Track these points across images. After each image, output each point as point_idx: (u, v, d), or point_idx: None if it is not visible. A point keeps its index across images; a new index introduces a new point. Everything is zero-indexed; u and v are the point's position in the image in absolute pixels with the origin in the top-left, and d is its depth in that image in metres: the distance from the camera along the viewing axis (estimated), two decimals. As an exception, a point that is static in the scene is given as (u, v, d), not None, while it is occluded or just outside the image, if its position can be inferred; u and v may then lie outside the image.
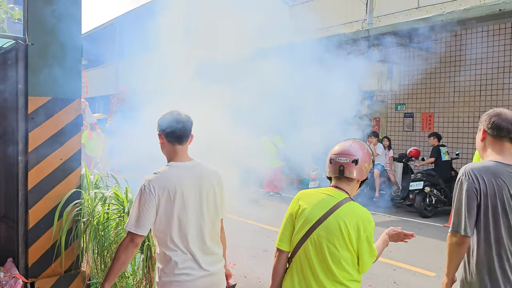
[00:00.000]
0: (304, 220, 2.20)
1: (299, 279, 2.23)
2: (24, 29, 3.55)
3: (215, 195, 2.48)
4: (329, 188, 2.30)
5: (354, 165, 2.23)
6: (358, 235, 2.14)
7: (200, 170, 2.46)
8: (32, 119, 3.51)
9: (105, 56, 25.88)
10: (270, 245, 6.55)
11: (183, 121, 2.44)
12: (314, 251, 2.17)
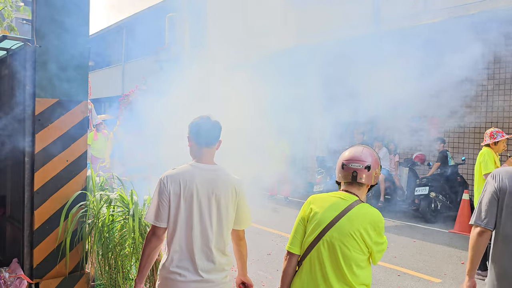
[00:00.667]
0: (317, 223, 2.26)
1: (308, 280, 2.26)
2: (32, 31, 3.58)
3: (229, 203, 2.46)
4: (340, 192, 2.37)
5: (367, 171, 2.32)
6: (369, 235, 2.22)
7: (219, 175, 2.46)
8: (39, 120, 3.54)
9: (111, 58, 26.03)
10: (274, 248, 6.54)
11: (212, 126, 2.49)
12: (327, 253, 2.22)
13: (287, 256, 2.37)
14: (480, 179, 5.38)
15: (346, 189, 2.35)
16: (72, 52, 3.68)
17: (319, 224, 2.25)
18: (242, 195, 2.53)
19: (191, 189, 2.38)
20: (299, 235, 2.34)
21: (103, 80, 23.93)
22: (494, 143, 5.38)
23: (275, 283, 5.13)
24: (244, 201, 2.56)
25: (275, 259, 6.01)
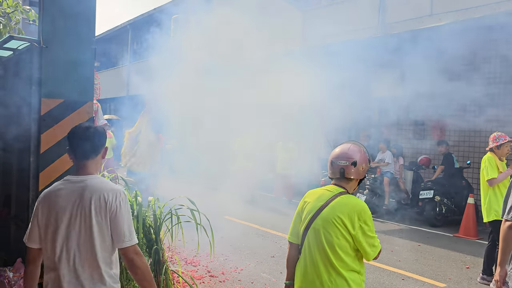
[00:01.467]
0: (306, 213, 2.49)
1: (305, 267, 2.46)
2: (39, 31, 3.59)
3: (94, 217, 2.13)
4: (330, 185, 2.57)
5: (353, 167, 2.49)
6: (353, 223, 2.36)
7: (87, 185, 2.17)
8: (44, 121, 3.54)
9: (117, 59, 26.14)
10: (278, 251, 6.53)
11: (89, 135, 2.25)
12: (314, 240, 2.42)
13: (288, 246, 2.62)
14: (484, 185, 5.35)
15: (335, 183, 2.54)
16: (77, 52, 3.68)
17: (308, 214, 2.47)
18: (115, 205, 2.16)
19: (54, 206, 2.17)
20: (296, 226, 2.57)
21: (109, 81, 24.01)
22: (497, 147, 5.33)
23: (278, 285, 5.11)
24: (120, 213, 2.16)
25: (279, 262, 5.99)
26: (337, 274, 2.35)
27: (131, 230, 2.18)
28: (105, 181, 2.23)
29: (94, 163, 2.28)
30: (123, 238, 2.14)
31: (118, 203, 2.15)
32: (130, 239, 2.16)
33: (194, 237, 6.90)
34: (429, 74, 10.06)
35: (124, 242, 2.15)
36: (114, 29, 24.52)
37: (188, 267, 5.57)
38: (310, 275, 2.42)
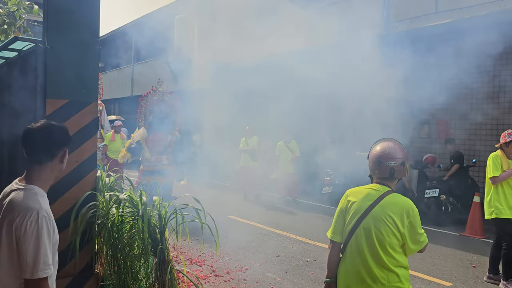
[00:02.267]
0: (354, 212, 2.51)
1: (350, 265, 2.50)
2: (43, 32, 3.60)
3: (5, 238, 1.83)
4: (373, 184, 2.60)
5: (402, 167, 2.54)
6: (402, 222, 2.42)
7: (12, 197, 1.89)
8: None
9: (121, 59, 26.18)
10: (283, 250, 6.52)
11: (41, 134, 1.95)
12: (364, 238, 2.45)
13: (330, 244, 2.65)
14: (488, 182, 5.31)
15: (380, 182, 2.57)
16: (82, 53, 3.70)
17: (356, 213, 2.50)
18: (21, 228, 1.79)
19: None
20: (339, 225, 2.60)
21: (113, 82, 24.08)
22: (505, 144, 5.26)
23: (283, 285, 5.10)
24: (24, 238, 1.79)
25: (284, 261, 5.99)
26: (388, 271, 2.42)
27: (37, 260, 1.78)
28: (28, 196, 1.87)
29: (44, 170, 1.96)
30: (25, 268, 1.78)
31: (25, 225, 1.78)
32: (32, 271, 1.77)
33: (199, 237, 6.91)
34: (436, 71, 10.01)
35: (25, 272, 1.78)
36: (118, 29, 24.58)
37: (193, 267, 5.58)
38: (358, 273, 2.46)
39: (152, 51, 22.20)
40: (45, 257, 1.81)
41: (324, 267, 5.72)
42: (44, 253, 1.81)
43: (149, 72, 21.09)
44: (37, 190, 1.92)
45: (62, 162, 2.02)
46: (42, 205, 1.87)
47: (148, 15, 20.99)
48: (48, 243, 1.84)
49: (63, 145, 2.01)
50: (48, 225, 1.85)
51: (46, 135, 1.95)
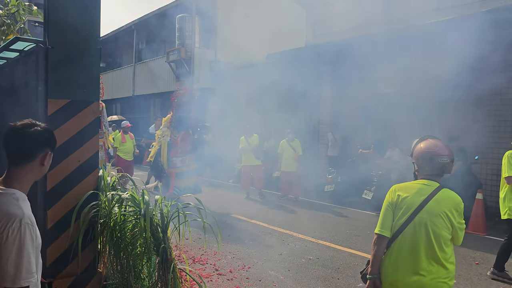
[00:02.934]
0: (406, 207, 2.55)
1: (401, 260, 2.54)
2: (44, 32, 3.61)
3: None
4: (422, 180, 2.66)
5: (451, 163, 2.65)
6: (454, 216, 2.53)
7: None
8: (52, 121, 3.56)
9: (122, 59, 26.21)
10: (285, 249, 6.52)
11: (21, 136, 1.86)
12: (419, 233, 2.50)
13: (377, 239, 2.63)
14: (503, 181, 5.31)
15: (429, 178, 2.64)
16: (83, 53, 3.70)
17: (409, 208, 2.54)
18: (1, 235, 1.72)
19: None
20: (388, 220, 2.61)
21: (115, 81, 24.11)
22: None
23: (286, 283, 5.11)
24: (5, 246, 1.72)
25: (286, 259, 5.99)
26: (439, 265, 2.49)
27: (19, 268, 1.70)
28: (8, 202, 1.79)
29: (24, 172, 1.87)
30: (5, 276, 1.70)
31: (6, 232, 1.70)
32: (13, 280, 1.69)
33: (201, 236, 6.92)
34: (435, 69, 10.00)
35: (6, 281, 1.70)
36: (119, 29, 24.59)
37: (196, 266, 5.58)
38: (408, 268, 2.51)
39: (154, 50, 22.21)
40: (27, 265, 1.74)
41: (326, 265, 5.73)
42: (27, 261, 1.74)
43: (150, 71, 21.10)
44: (18, 194, 1.83)
45: (43, 165, 1.92)
46: (25, 211, 1.79)
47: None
48: (31, 251, 1.76)
49: (44, 147, 1.91)
50: (32, 232, 1.77)
51: (27, 135, 1.86)
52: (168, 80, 19.47)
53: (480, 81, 9.51)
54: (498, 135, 9.11)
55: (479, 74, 9.31)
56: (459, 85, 9.88)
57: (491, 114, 9.30)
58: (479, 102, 9.50)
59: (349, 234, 7.42)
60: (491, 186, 9.11)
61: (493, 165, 9.19)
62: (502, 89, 9.14)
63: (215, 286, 4.96)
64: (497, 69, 9.06)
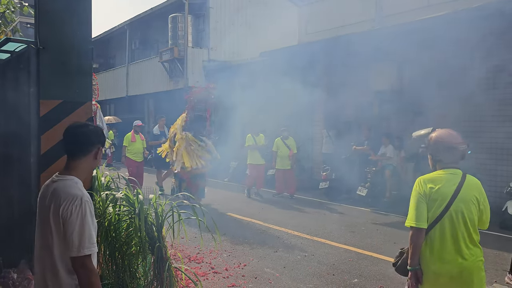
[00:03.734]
0: (441, 198, 2.64)
1: (441, 248, 2.64)
2: (35, 33, 3.60)
3: (55, 220, 2.08)
4: (446, 169, 2.74)
5: (467, 149, 2.78)
6: (479, 200, 2.67)
7: (55, 187, 2.14)
8: (44, 122, 3.56)
9: (115, 60, 26.10)
10: (281, 246, 6.54)
11: (77, 134, 2.23)
12: (457, 221, 2.62)
13: (415, 232, 2.69)
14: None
15: (451, 166, 2.73)
16: (75, 53, 3.70)
17: (444, 198, 2.63)
18: (67, 212, 2.06)
19: (39, 204, 2.21)
20: (424, 212, 2.68)
21: (108, 82, 24.01)
22: None
23: (282, 280, 5.13)
24: (69, 222, 2.05)
25: (282, 257, 6.01)
26: (475, 247, 2.66)
27: (82, 239, 2.03)
28: (69, 185, 2.12)
29: (80, 164, 2.20)
30: (70, 247, 2.03)
31: (70, 209, 2.04)
32: (78, 249, 2.03)
33: (197, 235, 6.92)
34: (428, 65, 10.06)
35: (72, 251, 2.03)
36: (111, 30, 24.50)
37: (192, 264, 5.60)
38: (450, 254, 2.63)
39: (146, 50, 22.14)
40: (89, 236, 2.06)
41: (322, 262, 5.77)
42: (89, 233, 2.06)
43: (144, 71, 21.04)
44: (76, 179, 2.17)
45: (96, 158, 2.26)
46: (84, 192, 2.13)
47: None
48: (92, 224, 2.09)
49: (97, 143, 2.24)
50: (91, 209, 2.11)
51: (82, 134, 2.22)
52: (161, 80, 19.43)
53: (471, 77, 9.58)
54: (489, 130, 9.18)
55: (469, 70, 9.38)
56: (453, 81, 9.95)
57: (484, 109, 9.37)
58: (473, 98, 9.57)
59: (344, 230, 7.46)
60: (484, 181, 9.16)
61: (486, 160, 9.27)
62: (496, 85, 9.21)
63: (210, 284, 4.97)
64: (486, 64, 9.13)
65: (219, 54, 18.31)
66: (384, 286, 4.96)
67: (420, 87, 10.44)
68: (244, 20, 18.96)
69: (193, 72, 17.72)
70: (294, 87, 11.88)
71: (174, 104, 19.99)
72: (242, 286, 4.93)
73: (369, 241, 6.83)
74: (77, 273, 2.06)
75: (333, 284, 5.03)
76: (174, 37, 17.94)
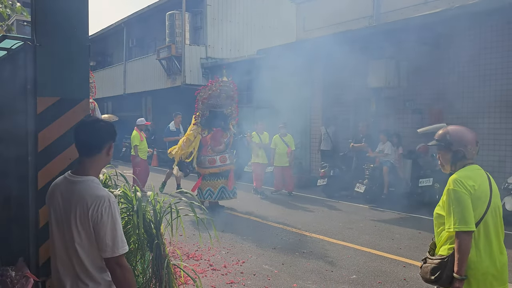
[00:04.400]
0: (484, 195, 2.57)
1: (490, 247, 2.54)
2: (32, 29, 3.58)
3: (82, 220, 2.08)
4: (472, 165, 2.67)
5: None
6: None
7: (79, 189, 2.13)
8: (41, 119, 3.54)
9: (113, 57, 26.03)
10: (279, 243, 6.55)
11: (91, 131, 2.19)
12: (495, 217, 2.58)
13: (465, 237, 2.44)
14: None
15: (473, 162, 2.68)
16: (72, 50, 3.67)
17: (486, 195, 2.57)
18: (96, 214, 2.06)
19: (53, 203, 2.20)
20: (471, 213, 2.49)
21: (105, 80, 23.95)
22: None
23: (280, 276, 5.14)
24: (101, 223, 2.06)
25: (280, 253, 6.02)
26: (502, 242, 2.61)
27: (115, 240, 2.07)
28: (93, 186, 2.12)
29: (94, 161, 2.20)
30: (104, 248, 2.07)
31: (100, 212, 2.05)
32: (112, 249, 2.06)
33: (195, 232, 6.93)
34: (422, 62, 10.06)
35: (106, 252, 2.07)
36: (109, 27, 24.42)
37: (190, 262, 5.60)
38: (497, 252, 2.54)
39: (144, 48, 22.09)
40: (121, 236, 2.10)
41: (320, 258, 5.78)
42: (121, 233, 2.10)
43: (141, 69, 20.99)
44: (97, 180, 2.17)
45: (109, 155, 2.23)
46: (108, 192, 2.14)
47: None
48: (120, 223, 2.11)
49: (109, 140, 2.21)
50: (117, 208, 2.12)
51: (94, 130, 2.18)
52: (159, 77, 19.38)
53: (471, 73, 9.60)
54: (483, 127, 9.20)
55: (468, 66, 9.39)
56: (448, 78, 9.96)
57: (480, 106, 9.39)
58: (468, 94, 9.59)
59: (342, 227, 7.48)
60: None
61: (483, 156, 9.29)
62: (492, 82, 9.23)
63: (209, 281, 4.98)
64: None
65: (217, 52, 18.28)
66: (382, 282, 4.97)
67: (418, 83, 10.46)
68: (241, 18, 18.92)
69: (191, 70, 17.68)
70: (291, 84, 11.88)
71: (172, 102, 20.00)
72: (240, 283, 4.94)
73: (367, 237, 6.85)
74: (113, 271, 2.10)
75: (332, 280, 5.04)
76: (171, 34, 17.89)
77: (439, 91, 10.05)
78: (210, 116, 8.72)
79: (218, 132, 8.71)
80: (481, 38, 9.36)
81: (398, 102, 11.01)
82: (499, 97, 9.07)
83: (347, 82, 11.79)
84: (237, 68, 14.62)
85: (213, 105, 8.69)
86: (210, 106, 8.70)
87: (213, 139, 8.67)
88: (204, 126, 8.71)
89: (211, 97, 8.63)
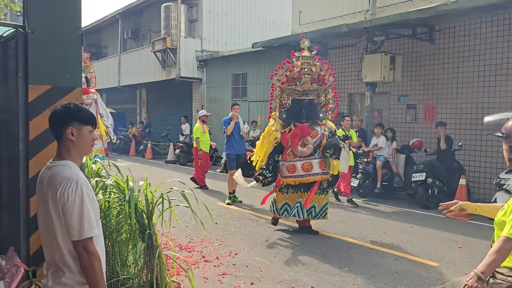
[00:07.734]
0: None
1: None
2: (24, 17, 3.54)
3: (54, 205, 2.08)
4: None
5: None
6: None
7: (51, 173, 2.13)
8: (33, 107, 3.51)
9: (107, 49, 25.85)
10: (272, 235, 6.57)
11: (50, 116, 2.20)
12: None
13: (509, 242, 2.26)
14: None
15: None
16: (64, 38, 3.64)
17: None
18: (63, 196, 2.04)
19: (38, 191, 2.21)
20: None
21: (100, 72, 23.79)
22: None
23: (273, 268, 5.15)
24: (67, 206, 2.04)
25: (272, 246, 6.04)
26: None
27: (82, 222, 2.03)
28: (64, 169, 2.10)
29: (64, 146, 2.18)
30: (72, 231, 2.04)
31: (67, 193, 2.03)
32: (79, 232, 2.03)
33: (188, 224, 6.91)
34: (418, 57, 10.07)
35: (73, 235, 2.04)
36: (103, 19, 24.23)
37: (183, 253, 5.60)
38: None
39: (139, 40, 21.94)
40: (88, 219, 2.05)
41: (313, 251, 5.79)
42: (88, 216, 2.05)
43: (136, 61, 20.87)
44: (70, 163, 2.15)
45: (72, 139, 2.15)
46: (79, 174, 2.12)
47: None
48: (90, 207, 2.08)
49: (66, 123, 2.15)
50: (88, 191, 2.09)
51: (51, 117, 2.18)
52: (154, 70, 19.29)
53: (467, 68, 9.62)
54: (480, 122, 9.24)
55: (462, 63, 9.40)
56: (444, 74, 9.98)
57: (474, 102, 9.42)
58: (463, 90, 9.62)
59: (336, 220, 7.50)
60: (473, 172, 9.27)
61: (475, 151, 9.35)
62: (486, 78, 9.26)
63: (201, 272, 4.98)
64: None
65: (212, 45, 18.20)
66: (374, 275, 5.00)
67: (413, 78, 10.48)
68: (237, 11, 18.83)
69: (186, 62, 17.60)
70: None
71: (167, 94, 19.91)
72: (233, 274, 4.95)
73: (360, 231, 6.87)
74: (79, 256, 2.06)
75: (324, 272, 5.06)
76: (166, 26, 17.78)
77: (434, 86, 10.08)
78: (292, 106, 6.54)
79: (303, 129, 6.45)
80: (476, 33, 9.38)
81: (392, 97, 11.03)
82: (494, 93, 9.10)
83: (342, 76, 11.79)
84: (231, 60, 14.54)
85: (296, 92, 6.52)
86: (292, 93, 6.55)
87: (294, 137, 6.46)
88: (285, 120, 6.63)
89: (291, 81, 6.57)
